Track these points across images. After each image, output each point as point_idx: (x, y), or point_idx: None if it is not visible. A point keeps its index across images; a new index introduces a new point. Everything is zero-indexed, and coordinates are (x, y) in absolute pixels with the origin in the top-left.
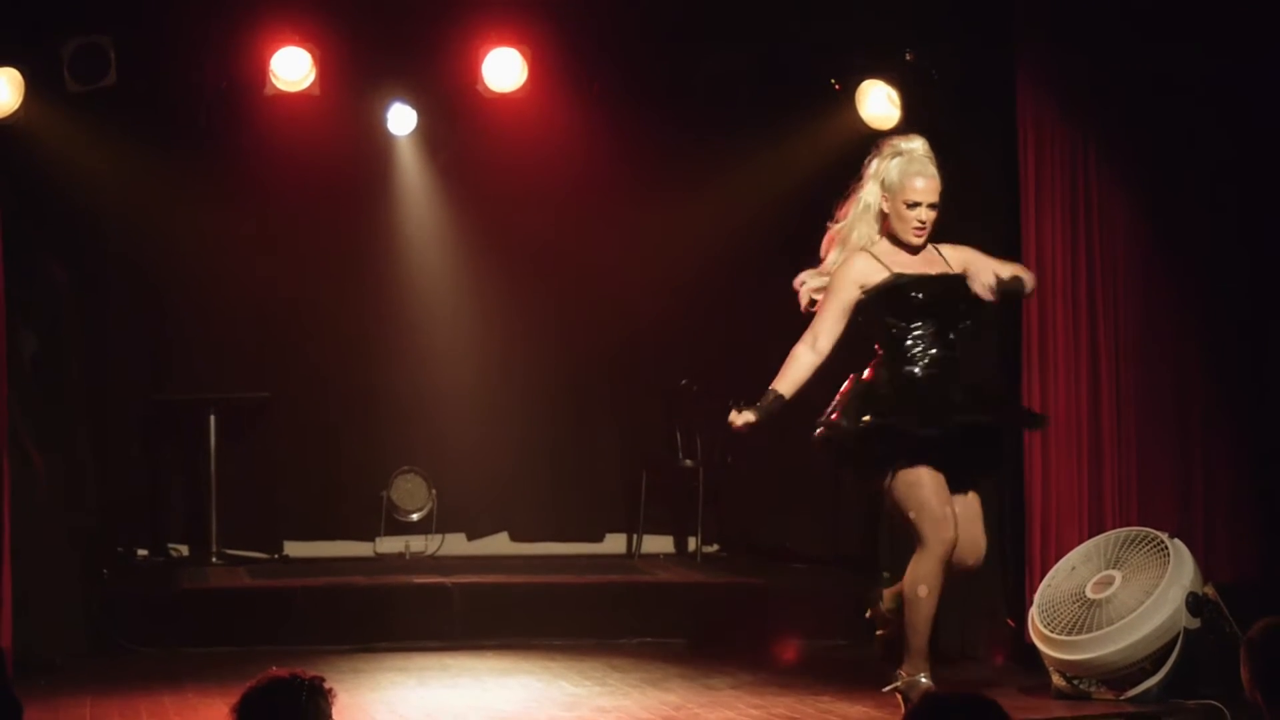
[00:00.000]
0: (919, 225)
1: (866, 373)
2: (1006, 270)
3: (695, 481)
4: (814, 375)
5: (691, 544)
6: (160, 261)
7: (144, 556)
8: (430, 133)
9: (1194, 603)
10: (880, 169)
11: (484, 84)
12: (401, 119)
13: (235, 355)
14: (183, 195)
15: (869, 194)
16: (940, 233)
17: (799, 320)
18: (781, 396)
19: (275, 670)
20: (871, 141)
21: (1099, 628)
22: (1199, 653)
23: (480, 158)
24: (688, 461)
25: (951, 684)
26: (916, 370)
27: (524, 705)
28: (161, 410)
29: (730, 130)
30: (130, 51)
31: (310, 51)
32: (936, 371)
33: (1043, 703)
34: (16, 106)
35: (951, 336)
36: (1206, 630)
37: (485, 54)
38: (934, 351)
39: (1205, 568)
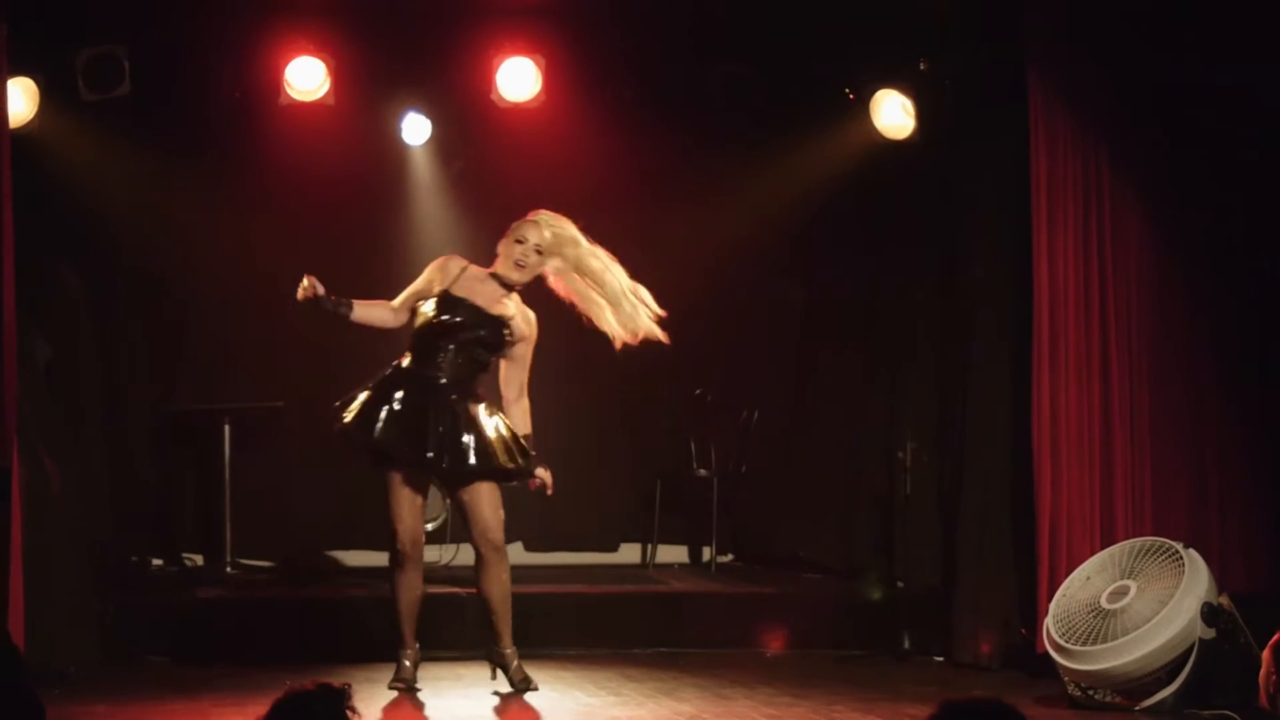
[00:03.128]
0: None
1: None
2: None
3: (710, 491)
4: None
5: (706, 554)
6: (174, 270)
7: (158, 566)
8: (444, 142)
9: (1209, 612)
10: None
11: (498, 93)
12: (416, 128)
13: (249, 364)
14: (197, 205)
15: None
16: (954, 238)
17: (814, 329)
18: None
19: (301, 682)
20: (885, 151)
21: (1114, 638)
22: (1214, 663)
23: (495, 167)
24: (702, 471)
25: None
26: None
27: (538, 715)
28: (175, 419)
29: (744, 139)
30: (144, 61)
31: (325, 61)
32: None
33: (1058, 713)
34: (31, 116)
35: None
36: (1222, 640)
37: (499, 64)
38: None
39: (1220, 577)
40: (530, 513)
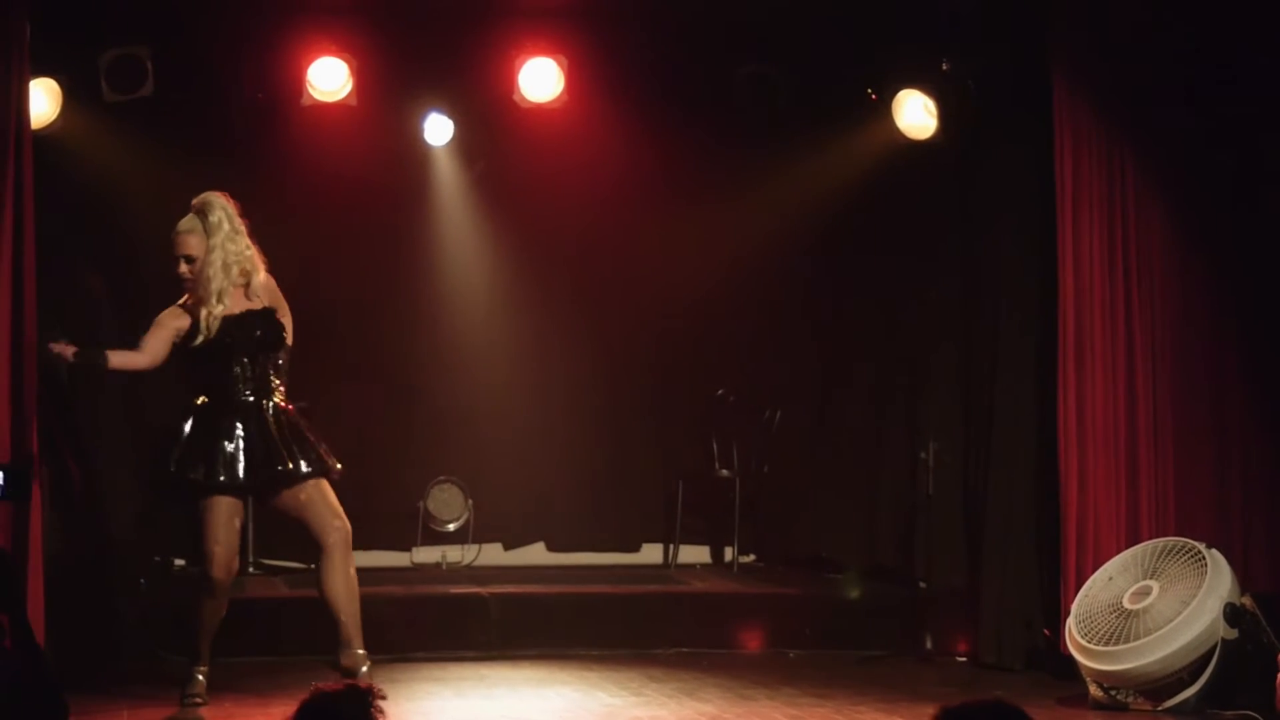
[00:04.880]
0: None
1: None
2: None
3: (732, 492)
4: None
5: (728, 554)
6: None
7: (181, 566)
8: (467, 143)
9: (1232, 613)
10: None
11: (521, 94)
12: (438, 129)
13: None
14: None
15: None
16: (977, 238)
17: (835, 328)
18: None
19: (328, 683)
20: (908, 151)
21: (1136, 638)
22: (1237, 663)
23: (517, 168)
24: (724, 472)
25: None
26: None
27: (560, 715)
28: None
29: (766, 139)
30: (168, 62)
31: (347, 62)
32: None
33: (1080, 713)
34: (54, 116)
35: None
36: (1244, 640)
37: (522, 64)
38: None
39: (1243, 577)
40: (553, 514)
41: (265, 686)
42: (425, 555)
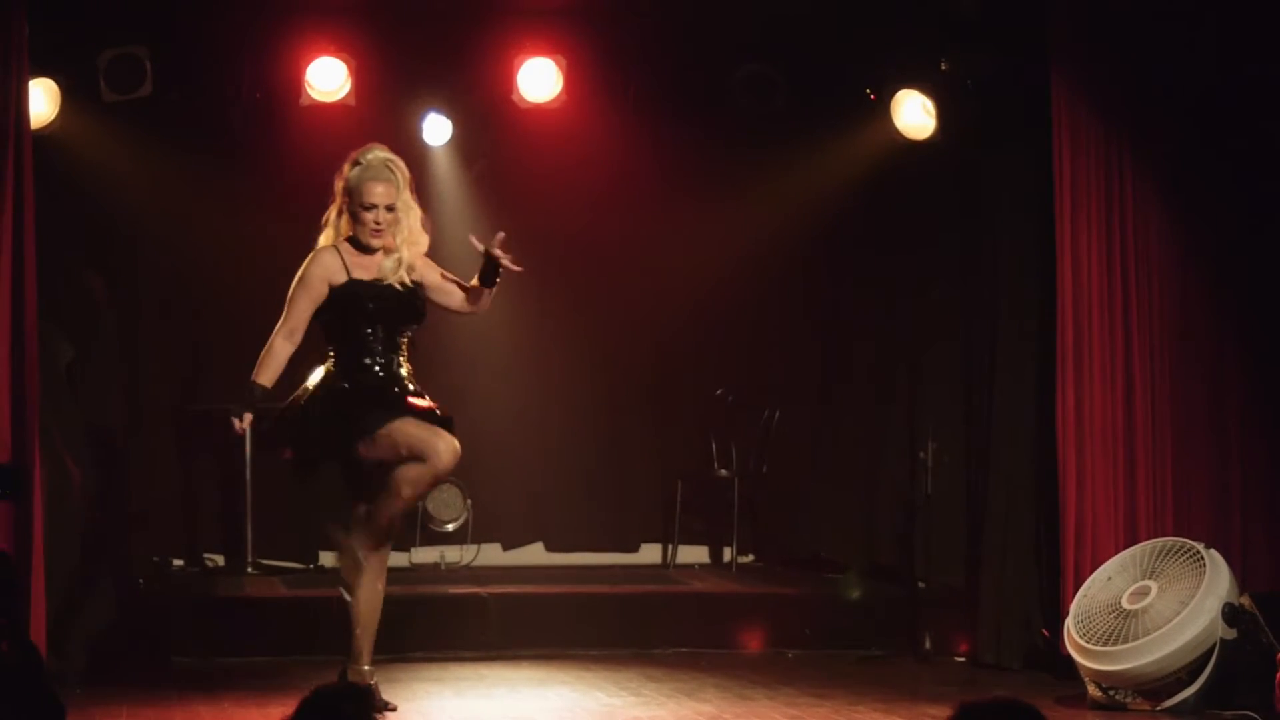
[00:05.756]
0: (376, 226)
1: (321, 371)
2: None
3: (730, 492)
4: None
5: (727, 554)
6: (195, 270)
7: (179, 566)
8: (465, 143)
9: (1230, 613)
10: (345, 178)
11: (519, 94)
12: (437, 129)
13: None
14: (218, 205)
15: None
16: (976, 238)
17: (834, 328)
18: (264, 387)
19: (329, 682)
20: (906, 151)
21: (1135, 638)
22: (1235, 663)
23: (515, 168)
24: (723, 471)
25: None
26: (362, 374)
27: (559, 715)
28: (196, 419)
29: (765, 139)
30: (166, 62)
31: (345, 62)
32: (383, 376)
33: (1078, 713)
34: (53, 116)
35: (399, 341)
36: (1243, 641)
37: (520, 64)
38: (381, 357)
39: (1242, 578)
40: (552, 514)
41: (264, 686)
42: (424, 555)
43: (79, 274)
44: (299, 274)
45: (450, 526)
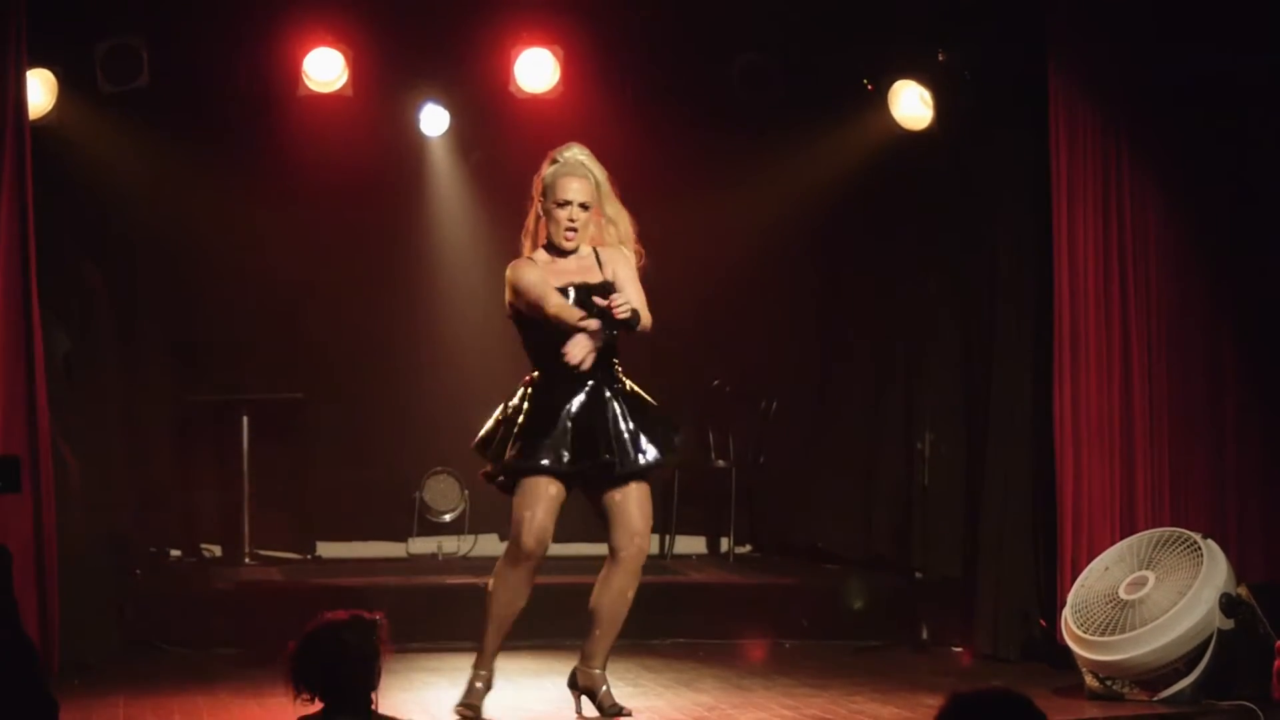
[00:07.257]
0: (570, 224)
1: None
2: (635, 299)
3: (728, 482)
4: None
5: (724, 545)
6: (193, 262)
7: (177, 557)
8: (462, 134)
9: (1227, 603)
10: (541, 176)
11: (516, 85)
12: (434, 120)
13: (267, 356)
14: (215, 196)
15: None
16: (973, 229)
17: (831, 318)
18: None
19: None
20: (904, 142)
21: (1132, 628)
22: (1233, 653)
23: (513, 159)
24: (720, 462)
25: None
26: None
27: (556, 705)
28: (194, 411)
29: (763, 130)
30: (163, 53)
31: (343, 52)
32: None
33: (1076, 704)
34: (50, 108)
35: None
36: (1240, 631)
37: (518, 54)
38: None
39: (1239, 568)
40: None
41: (261, 677)
42: (421, 546)
43: (75, 264)
44: (517, 283)
45: (448, 517)
